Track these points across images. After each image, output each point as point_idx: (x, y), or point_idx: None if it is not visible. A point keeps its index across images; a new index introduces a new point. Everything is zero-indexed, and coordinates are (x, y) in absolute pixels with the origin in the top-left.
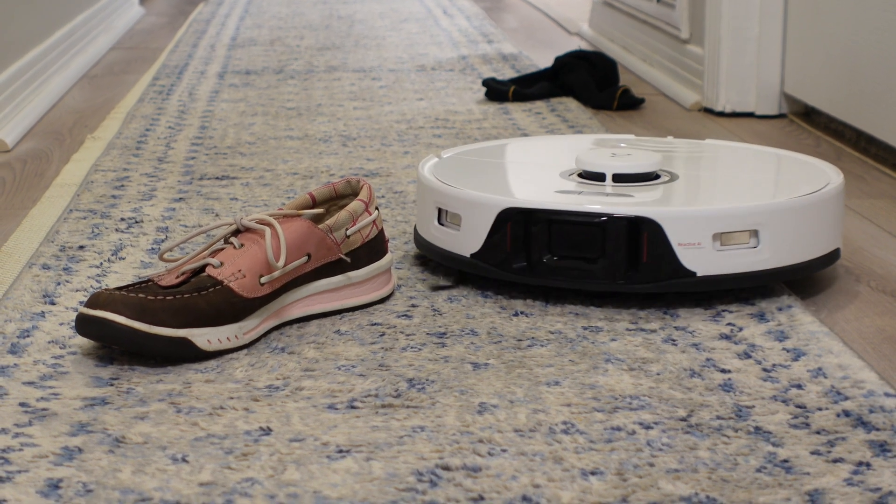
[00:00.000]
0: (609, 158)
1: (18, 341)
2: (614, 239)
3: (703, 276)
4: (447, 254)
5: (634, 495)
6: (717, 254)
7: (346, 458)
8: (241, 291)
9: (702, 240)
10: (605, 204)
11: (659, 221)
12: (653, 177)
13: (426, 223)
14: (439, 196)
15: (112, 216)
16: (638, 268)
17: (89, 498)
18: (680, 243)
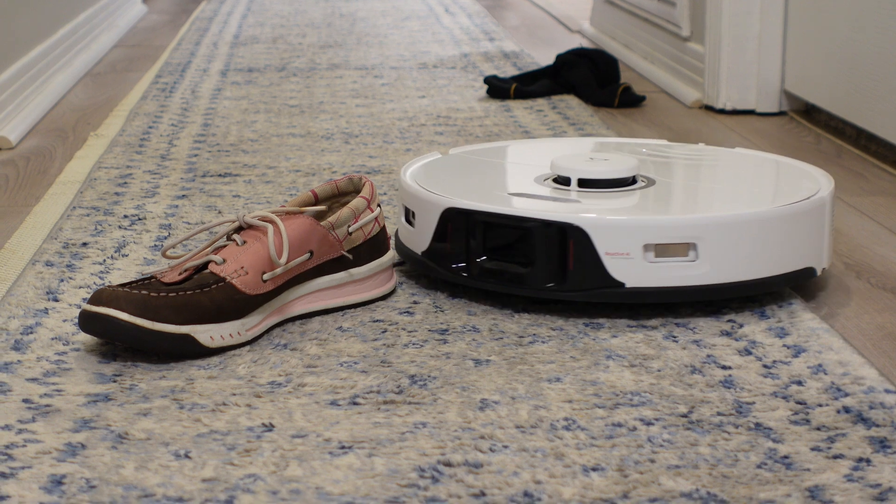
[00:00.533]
0: (584, 163)
1: (22, 338)
2: (542, 245)
3: (632, 288)
4: (407, 250)
5: (635, 491)
6: (648, 265)
7: (348, 454)
8: (244, 288)
9: (631, 250)
10: (549, 209)
11: (586, 229)
12: (627, 182)
13: (399, 221)
14: (405, 194)
15: (115, 213)
16: (566, 275)
17: (92, 494)
18: (608, 252)
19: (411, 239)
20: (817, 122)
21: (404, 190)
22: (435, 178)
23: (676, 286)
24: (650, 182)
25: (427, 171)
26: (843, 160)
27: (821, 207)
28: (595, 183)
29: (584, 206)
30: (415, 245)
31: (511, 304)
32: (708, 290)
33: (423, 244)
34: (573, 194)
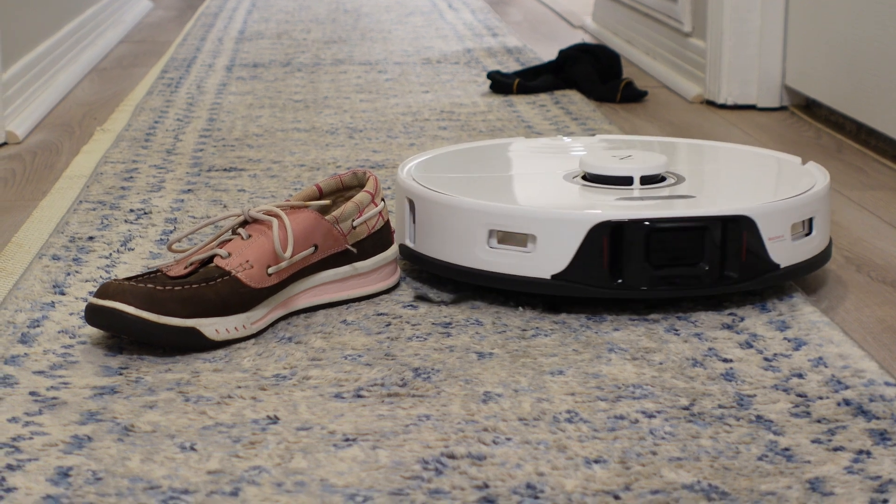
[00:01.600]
0: (619, 161)
1: (29, 331)
2: (715, 241)
3: (785, 268)
4: (511, 278)
5: (637, 483)
6: (793, 245)
7: (352, 446)
8: (249, 282)
9: (784, 232)
10: (680, 207)
11: (754, 218)
12: (660, 179)
13: (465, 246)
14: (519, 219)
15: (121, 207)
16: (737, 266)
17: (98, 486)
18: (770, 238)
19: (524, 265)
20: (818, 117)
21: (516, 215)
22: (474, 187)
23: (804, 260)
24: (679, 178)
25: (446, 183)
26: (843, 155)
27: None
28: (651, 179)
29: (698, 201)
30: (535, 270)
31: (514, 297)
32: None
33: (555, 266)
34: (637, 192)
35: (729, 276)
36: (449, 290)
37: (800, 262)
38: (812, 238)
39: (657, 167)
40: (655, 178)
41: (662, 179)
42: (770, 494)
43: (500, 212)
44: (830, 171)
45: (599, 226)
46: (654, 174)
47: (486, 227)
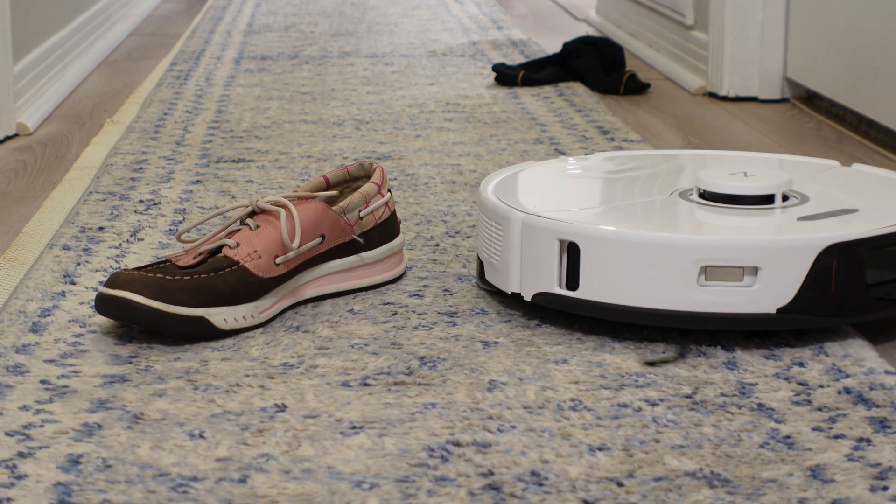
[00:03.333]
0: (740, 179)
1: (39, 320)
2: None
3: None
4: (729, 317)
5: (640, 470)
6: None
7: (359, 434)
8: (257, 271)
9: None
10: (869, 223)
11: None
12: (784, 197)
13: (668, 288)
14: (702, 252)
15: (131, 198)
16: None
17: (108, 473)
18: None
19: (744, 301)
20: (818, 109)
21: (734, 248)
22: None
23: None
24: (803, 197)
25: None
26: (843, 146)
27: None
28: (784, 198)
29: (867, 215)
30: (757, 305)
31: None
32: None
33: (781, 298)
34: (792, 210)
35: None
36: (455, 276)
37: None
38: None
39: (788, 183)
40: (785, 197)
41: (786, 198)
42: (771, 482)
43: (713, 245)
44: None
45: (828, 249)
46: (785, 192)
47: (697, 265)
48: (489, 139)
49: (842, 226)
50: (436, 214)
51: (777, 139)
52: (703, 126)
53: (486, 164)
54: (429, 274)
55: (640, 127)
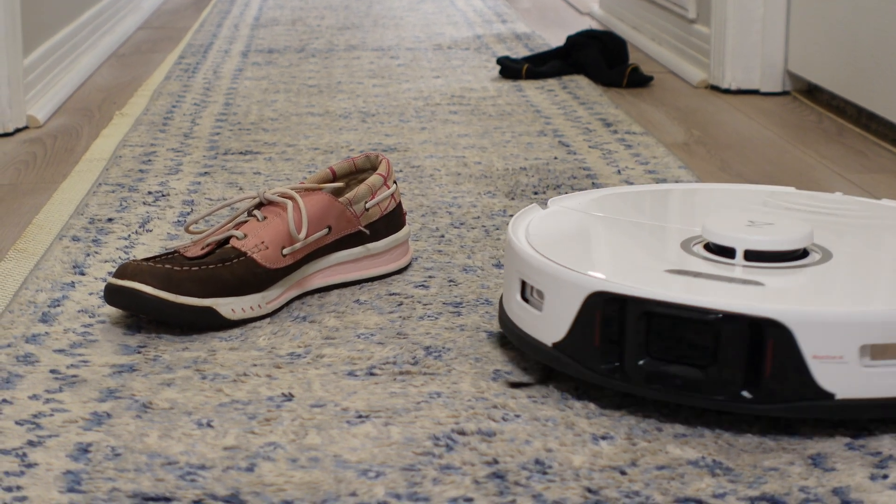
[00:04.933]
0: (744, 227)
1: (49, 310)
2: (730, 344)
3: (845, 400)
4: (523, 335)
5: (643, 459)
6: (866, 371)
7: (365, 423)
8: (264, 262)
9: (844, 353)
10: (724, 295)
11: (789, 326)
12: (799, 255)
13: (509, 296)
14: (521, 265)
15: (139, 190)
16: (760, 383)
17: (117, 462)
18: (816, 356)
19: (533, 323)
20: (819, 102)
21: (521, 258)
22: (559, 243)
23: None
24: (826, 254)
25: (543, 232)
26: (844, 138)
27: None
28: (763, 256)
29: (766, 290)
30: (539, 332)
31: None
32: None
33: (556, 334)
34: (739, 270)
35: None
36: (461, 266)
37: (871, 396)
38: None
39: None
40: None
41: (804, 255)
42: (773, 470)
43: (878, 320)
44: (832, 155)
45: (594, 296)
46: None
47: (517, 277)
48: (494, 131)
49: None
50: (441, 206)
51: (778, 132)
52: (705, 119)
53: (491, 157)
54: (434, 265)
55: (642, 119)
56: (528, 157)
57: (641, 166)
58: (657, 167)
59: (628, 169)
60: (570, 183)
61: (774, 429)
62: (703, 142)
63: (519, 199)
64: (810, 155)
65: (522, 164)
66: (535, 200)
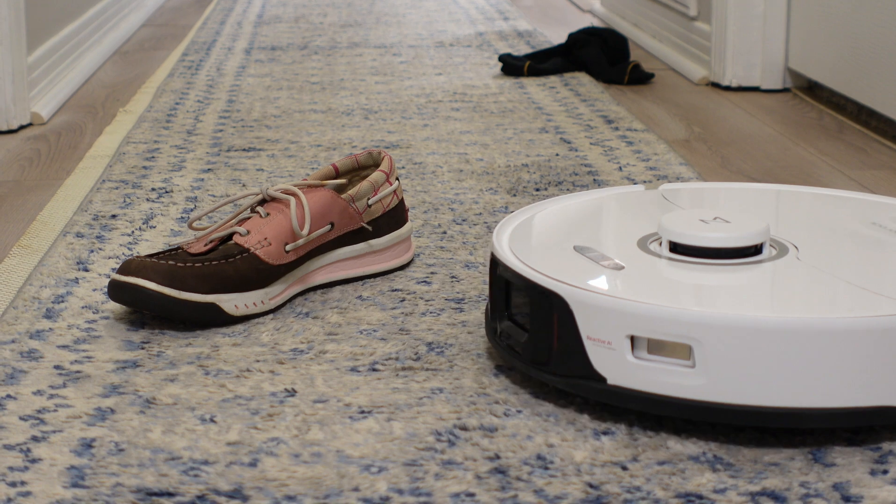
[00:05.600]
0: (692, 223)
1: (53, 306)
2: (536, 312)
3: (614, 386)
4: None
5: (644, 454)
6: (633, 363)
7: (367, 418)
8: (267, 258)
9: (613, 339)
10: (552, 270)
11: (568, 302)
12: (748, 252)
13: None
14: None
15: (143, 186)
16: (550, 355)
17: (121, 457)
18: (590, 337)
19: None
20: (820, 99)
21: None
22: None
23: (662, 395)
24: (782, 250)
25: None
26: (844, 135)
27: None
28: (692, 251)
29: (620, 275)
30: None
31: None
32: (702, 409)
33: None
34: (645, 260)
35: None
36: (463, 263)
37: (638, 389)
38: (693, 373)
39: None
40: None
41: (756, 251)
42: (773, 465)
43: (644, 313)
44: (832, 152)
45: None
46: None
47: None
48: (496, 128)
49: None
50: (443, 202)
51: (779, 128)
52: (706, 115)
53: (493, 153)
54: (436, 261)
55: (644, 116)
56: (529, 153)
57: (643, 163)
58: (658, 164)
59: (629, 165)
60: (571, 179)
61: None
62: (704, 138)
63: (520, 196)
64: (811, 152)
65: (524, 160)
66: (536, 197)
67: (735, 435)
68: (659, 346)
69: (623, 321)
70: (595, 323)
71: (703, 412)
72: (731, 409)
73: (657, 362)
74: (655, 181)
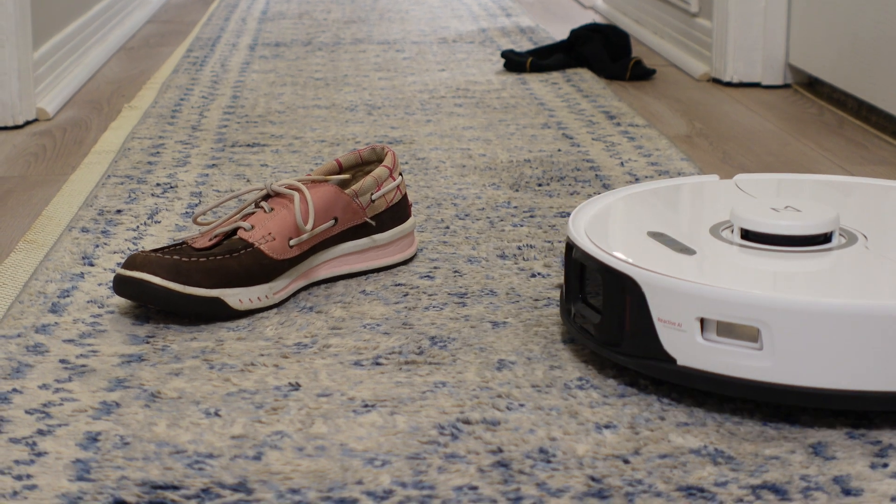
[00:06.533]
0: (764, 211)
1: (59, 301)
2: (609, 295)
3: (684, 367)
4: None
5: (646, 448)
6: (702, 344)
7: (371, 412)
8: (271, 253)
9: (683, 321)
10: (626, 254)
11: (641, 285)
12: (817, 241)
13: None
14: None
15: (148, 182)
16: (622, 336)
17: (126, 450)
18: (660, 318)
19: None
20: (820, 95)
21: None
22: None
23: (731, 376)
24: (851, 239)
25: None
26: (844, 131)
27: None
28: (763, 238)
29: (692, 259)
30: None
31: (528, 267)
32: (771, 391)
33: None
34: (717, 247)
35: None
36: (466, 257)
37: (707, 370)
38: (760, 355)
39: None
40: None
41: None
42: (774, 459)
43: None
44: (833, 147)
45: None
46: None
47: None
48: (498, 124)
49: None
50: (446, 197)
51: (780, 124)
52: (708, 111)
53: (496, 149)
54: (439, 256)
55: (645, 112)
56: (532, 149)
57: (644, 158)
58: (660, 159)
59: (631, 161)
60: (573, 175)
61: (776, 417)
62: (706, 134)
63: (523, 191)
64: (811, 147)
65: (526, 156)
66: (538, 192)
67: (736, 428)
68: (728, 329)
69: (693, 303)
70: (666, 305)
71: (768, 393)
72: (796, 391)
73: (726, 344)
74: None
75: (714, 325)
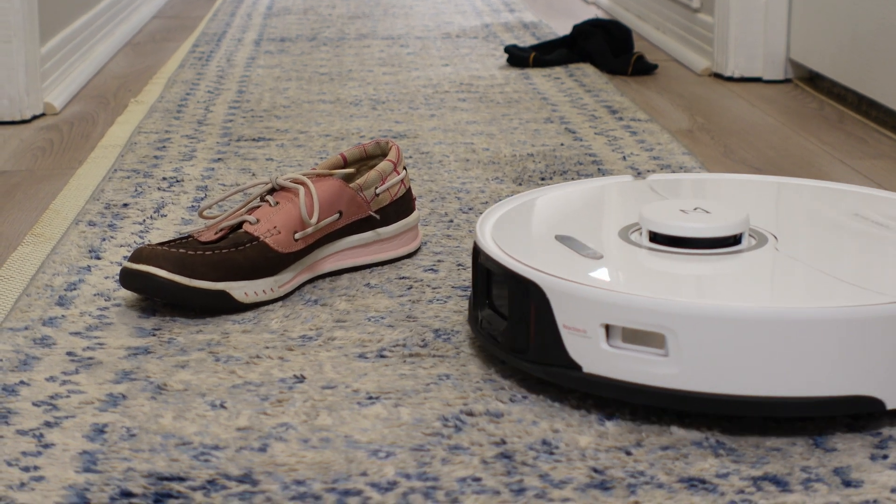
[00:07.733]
0: (671, 213)
1: (66, 294)
2: (514, 301)
3: (590, 374)
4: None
5: (648, 440)
6: (608, 351)
7: (375, 404)
8: (277, 247)
9: (588, 327)
10: (531, 259)
11: (545, 291)
12: (726, 242)
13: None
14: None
15: (154, 175)
16: (528, 344)
17: (132, 442)
18: (565, 325)
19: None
20: (820, 89)
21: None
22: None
23: (635, 383)
24: (761, 240)
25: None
26: (844, 125)
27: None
28: (671, 240)
29: (598, 264)
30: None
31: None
32: (676, 398)
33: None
34: (625, 250)
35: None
36: (469, 251)
37: (613, 377)
38: (666, 362)
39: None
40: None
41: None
42: (775, 450)
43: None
44: (833, 142)
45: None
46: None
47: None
48: (501, 118)
49: None
50: (450, 191)
51: (780, 119)
52: (709, 106)
53: (499, 143)
54: (443, 249)
55: (647, 107)
56: (535, 143)
57: (646, 153)
58: (661, 153)
59: (633, 155)
60: (576, 169)
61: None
62: (707, 128)
63: (526, 185)
64: (812, 141)
65: (529, 150)
66: (542, 186)
67: (737, 421)
68: (634, 335)
69: (597, 309)
70: (570, 311)
71: (676, 401)
72: (703, 398)
73: (632, 351)
74: (645, 173)
75: (619, 332)
